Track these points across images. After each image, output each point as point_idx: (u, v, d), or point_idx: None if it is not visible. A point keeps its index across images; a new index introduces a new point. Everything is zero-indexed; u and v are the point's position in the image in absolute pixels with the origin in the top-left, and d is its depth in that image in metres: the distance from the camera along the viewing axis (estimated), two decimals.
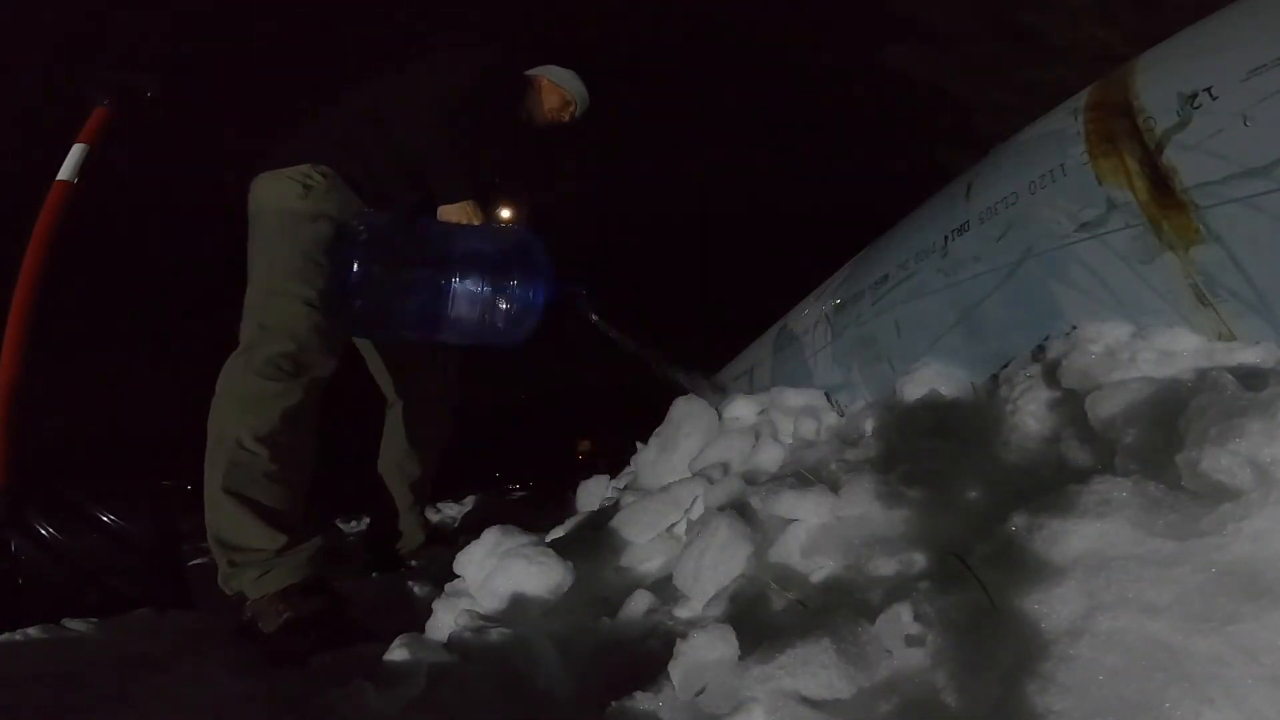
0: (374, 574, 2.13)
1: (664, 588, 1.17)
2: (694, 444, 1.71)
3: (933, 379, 1.38)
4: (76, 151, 1.87)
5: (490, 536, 1.21)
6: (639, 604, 1.12)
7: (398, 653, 1.03)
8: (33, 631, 1.28)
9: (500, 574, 1.12)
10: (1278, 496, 0.60)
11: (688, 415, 1.78)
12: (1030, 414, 1.00)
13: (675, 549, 1.36)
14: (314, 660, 1.20)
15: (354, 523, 3.60)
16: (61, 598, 1.49)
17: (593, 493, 1.93)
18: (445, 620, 1.10)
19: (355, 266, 1.77)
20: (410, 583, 1.78)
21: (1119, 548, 0.63)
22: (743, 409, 1.76)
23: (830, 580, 0.94)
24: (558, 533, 1.63)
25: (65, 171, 1.85)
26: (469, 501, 3.84)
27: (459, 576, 1.20)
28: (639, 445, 1.95)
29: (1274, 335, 0.93)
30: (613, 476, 2.05)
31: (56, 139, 1.91)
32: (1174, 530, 0.63)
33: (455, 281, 1.90)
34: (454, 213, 1.93)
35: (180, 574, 1.71)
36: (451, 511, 3.59)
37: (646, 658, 0.95)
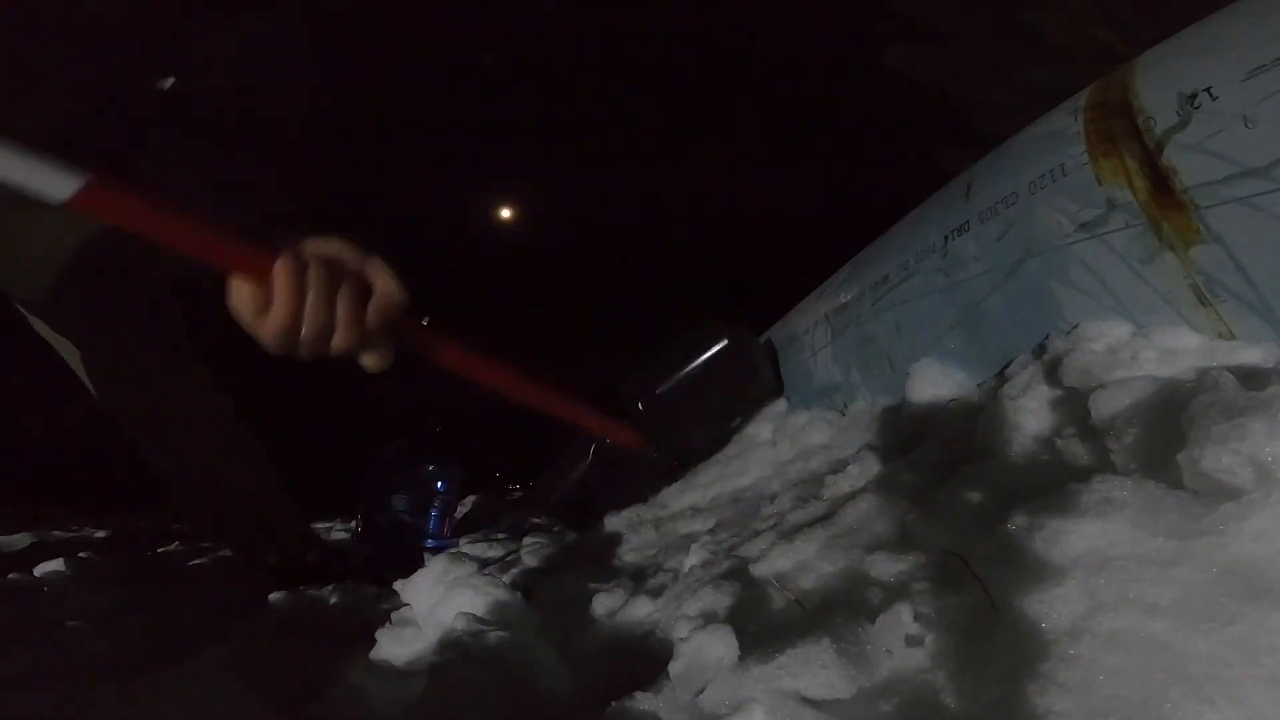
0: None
1: (664, 591, 1.17)
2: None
3: (933, 379, 1.38)
4: None
5: (438, 564, 1.18)
6: (639, 604, 1.12)
7: (398, 653, 1.03)
8: (33, 632, 1.28)
9: (447, 604, 1.08)
10: (1279, 496, 0.60)
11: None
12: (1031, 413, 1.00)
13: (676, 557, 1.36)
14: (315, 663, 1.20)
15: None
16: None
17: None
18: (391, 651, 1.06)
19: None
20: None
21: (1120, 547, 0.63)
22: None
23: (830, 580, 0.94)
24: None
25: None
26: (468, 502, 3.84)
27: (406, 605, 1.16)
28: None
29: (1274, 335, 0.93)
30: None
31: None
32: (1175, 530, 0.63)
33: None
34: None
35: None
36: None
37: (646, 658, 0.95)
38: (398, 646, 1.05)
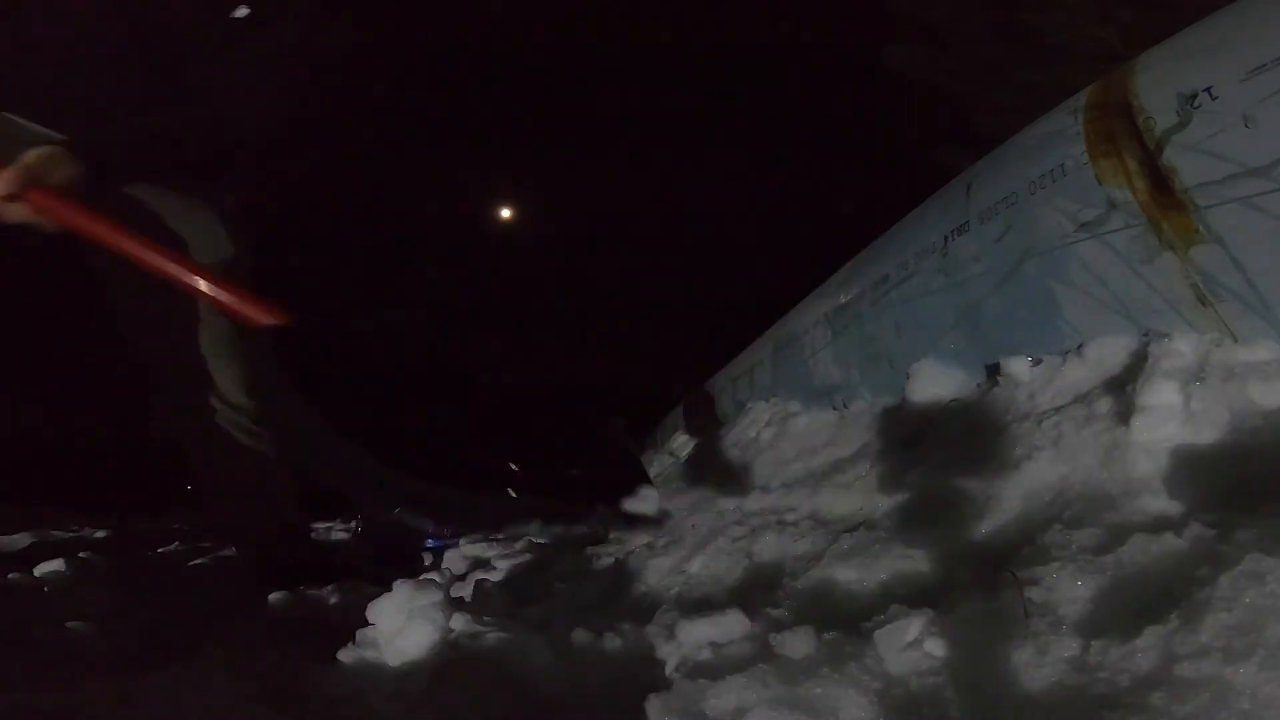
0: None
1: (664, 592, 1.18)
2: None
3: (933, 379, 1.38)
4: None
5: (403, 590, 1.15)
6: (638, 605, 1.12)
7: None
8: (33, 631, 1.28)
9: (407, 634, 1.06)
10: None
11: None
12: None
13: (676, 559, 1.36)
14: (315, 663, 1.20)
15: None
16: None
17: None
18: (349, 669, 1.04)
19: None
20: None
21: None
22: (748, 419, 1.77)
23: (831, 583, 0.94)
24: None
25: None
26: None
27: (372, 624, 1.13)
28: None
29: (1274, 335, 0.93)
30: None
31: None
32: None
33: None
34: None
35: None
36: None
37: (646, 658, 0.95)
38: (359, 668, 1.03)
